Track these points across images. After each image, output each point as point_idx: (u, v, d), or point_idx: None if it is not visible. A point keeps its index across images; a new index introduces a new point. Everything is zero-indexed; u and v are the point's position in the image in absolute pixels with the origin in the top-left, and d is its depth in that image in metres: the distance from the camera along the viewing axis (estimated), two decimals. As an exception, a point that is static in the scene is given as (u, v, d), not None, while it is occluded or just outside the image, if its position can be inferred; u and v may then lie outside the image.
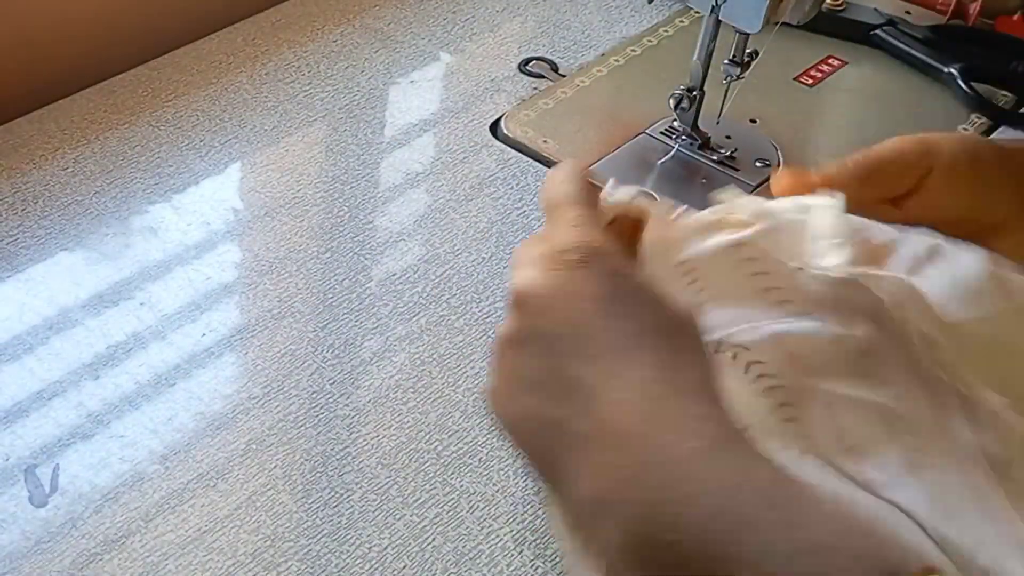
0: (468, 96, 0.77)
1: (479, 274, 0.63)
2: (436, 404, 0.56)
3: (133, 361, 0.57)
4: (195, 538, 0.50)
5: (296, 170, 0.69)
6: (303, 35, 0.80)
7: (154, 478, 0.52)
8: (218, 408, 0.55)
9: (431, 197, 0.69)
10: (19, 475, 0.52)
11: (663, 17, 0.85)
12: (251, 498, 0.52)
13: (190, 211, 0.66)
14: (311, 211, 0.67)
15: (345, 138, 0.72)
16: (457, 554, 0.50)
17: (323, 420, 0.55)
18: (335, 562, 0.49)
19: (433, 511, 0.52)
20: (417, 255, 0.65)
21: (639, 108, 0.75)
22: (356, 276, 0.63)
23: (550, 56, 0.80)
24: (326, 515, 0.51)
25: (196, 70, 0.76)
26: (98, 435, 0.54)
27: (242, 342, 0.59)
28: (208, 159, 0.70)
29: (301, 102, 0.75)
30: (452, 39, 0.82)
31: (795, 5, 0.65)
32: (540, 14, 0.85)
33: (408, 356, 0.59)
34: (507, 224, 0.67)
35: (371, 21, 0.82)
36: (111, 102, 0.73)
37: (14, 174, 0.67)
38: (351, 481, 0.53)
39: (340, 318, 0.60)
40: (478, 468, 0.54)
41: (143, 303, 0.60)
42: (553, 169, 0.45)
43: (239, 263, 0.63)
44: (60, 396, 0.55)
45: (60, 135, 0.70)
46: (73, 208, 0.65)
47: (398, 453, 0.54)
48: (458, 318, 0.61)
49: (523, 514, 0.52)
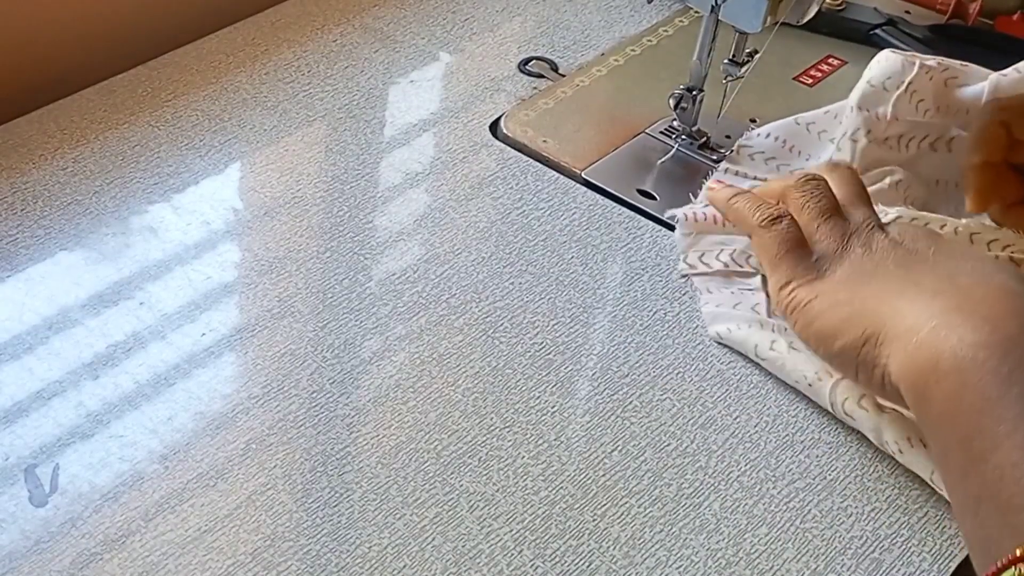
0: (468, 96, 0.77)
1: (479, 274, 0.63)
2: (436, 404, 0.56)
3: (133, 361, 0.57)
4: (195, 538, 0.50)
5: (296, 170, 0.70)
6: (303, 35, 0.80)
7: (154, 478, 0.52)
8: (218, 408, 0.55)
9: (431, 197, 0.69)
10: (19, 475, 0.52)
11: (663, 17, 0.85)
12: (251, 498, 0.52)
13: (190, 211, 0.66)
14: (311, 211, 0.67)
15: (345, 138, 0.72)
16: (457, 554, 0.50)
17: (323, 420, 0.55)
18: (335, 562, 0.49)
19: (433, 511, 0.52)
20: (417, 255, 0.65)
21: (639, 108, 0.76)
22: (356, 276, 0.63)
23: (550, 56, 0.80)
24: (326, 515, 0.51)
25: (196, 70, 0.76)
26: (98, 435, 0.54)
27: (242, 342, 0.59)
28: (208, 159, 0.70)
29: (301, 102, 0.75)
30: (452, 39, 0.82)
31: (795, 5, 0.65)
32: (540, 14, 0.85)
33: (408, 356, 0.59)
34: (507, 224, 0.67)
35: (371, 21, 0.82)
36: (111, 102, 0.73)
37: (14, 174, 0.67)
38: (351, 481, 0.53)
39: (340, 318, 0.60)
40: (478, 468, 0.54)
41: (143, 303, 0.60)
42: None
43: (239, 263, 0.64)
44: (60, 396, 0.55)
45: (60, 135, 0.70)
46: (73, 208, 0.65)
47: (398, 453, 0.54)
48: (458, 318, 0.61)
49: (523, 514, 0.52)
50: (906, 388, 0.49)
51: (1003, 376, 0.44)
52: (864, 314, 0.51)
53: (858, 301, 0.52)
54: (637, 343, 0.60)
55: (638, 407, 0.57)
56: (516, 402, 0.57)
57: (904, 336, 0.49)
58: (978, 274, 0.50)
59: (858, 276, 0.53)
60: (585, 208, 0.68)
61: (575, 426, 0.56)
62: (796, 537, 0.52)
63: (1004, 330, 0.46)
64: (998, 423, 0.43)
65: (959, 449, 0.45)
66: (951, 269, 0.51)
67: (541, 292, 0.63)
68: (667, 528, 0.52)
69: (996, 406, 0.44)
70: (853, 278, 0.53)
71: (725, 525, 0.52)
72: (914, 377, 0.48)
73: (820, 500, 0.53)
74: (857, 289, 0.52)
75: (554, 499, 0.53)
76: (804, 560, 0.51)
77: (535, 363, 0.59)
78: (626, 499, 0.53)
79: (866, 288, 0.52)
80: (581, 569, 0.50)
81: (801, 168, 0.68)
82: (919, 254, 0.53)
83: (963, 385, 0.45)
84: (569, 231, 0.66)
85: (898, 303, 0.50)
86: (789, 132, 0.69)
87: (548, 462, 0.54)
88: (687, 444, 0.55)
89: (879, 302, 0.51)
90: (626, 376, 0.58)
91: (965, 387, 0.45)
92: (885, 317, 0.50)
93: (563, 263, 0.64)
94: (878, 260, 0.53)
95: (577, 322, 0.61)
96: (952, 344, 0.46)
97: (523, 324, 0.61)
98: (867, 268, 0.53)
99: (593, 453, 0.55)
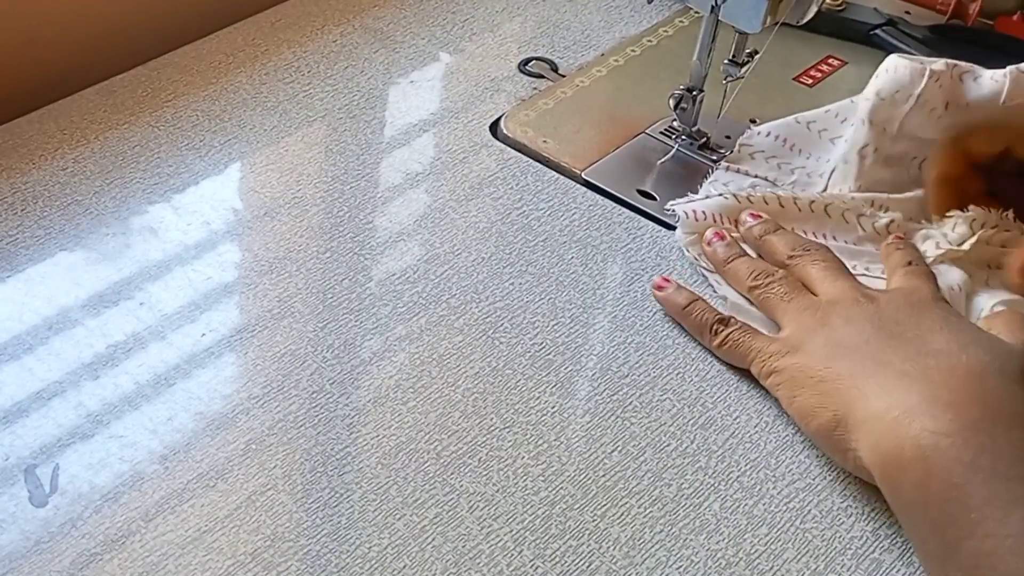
0: (468, 96, 0.77)
1: (479, 274, 0.63)
2: (436, 404, 0.56)
3: (133, 361, 0.57)
4: (195, 538, 0.50)
5: (296, 170, 0.70)
6: (303, 35, 0.80)
7: (154, 478, 0.52)
8: (218, 408, 0.55)
9: (431, 197, 0.69)
10: (19, 475, 0.52)
11: (663, 17, 0.85)
12: (251, 498, 0.52)
13: (190, 211, 0.66)
14: (311, 211, 0.67)
15: (345, 138, 0.72)
16: (457, 554, 0.50)
17: (323, 420, 0.55)
18: (335, 562, 0.49)
19: (433, 511, 0.52)
20: (417, 255, 0.65)
21: (639, 108, 0.76)
22: (356, 276, 0.63)
23: (550, 56, 0.80)
24: (326, 515, 0.51)
25: (196, 70, 0.76)
26: (98, 435, 0.54)
27: (242, 342, 0.59)
28: (208, 159, 0.70)
29: (301, 102, 0.75)
30: (452, 39, 0.82)
31: (795, 5, 0.65)
32: (540, 14, 0.85)
33: (408, 356, 0.59)
34: (507, 224, 0.67)
35: (371, 21, 0.82)
36: (111, 102, 0.73)
37: (14, 174, 0.67)
38: (351, 481, 0.53)
39: (340, 318, 0.60)
40: (478, 468, 0.54)
41: (143, 303, 0.60)
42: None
43: (239, 263, 0.64)
44: (60, 396, 0.55)
45: (60, 135, 0.70)
46: (73, 208, 0.65)
47: (398, 453, 0.54)
48: (458, 318, 0.61)
49: (523, 514, 0.52)
50: (876, 475, 0.50)
51: (966, 463, 0.45)
52: (835, 395, 0.52)
53: (831, 379, 0.53)
54: (637, 343, 0.60)
55: (638, 407, 0.57)
56: (516, 402, 0.57)
57: (870, 423, 0.50)
58: (947, 353, 0.51)
59: (834, 349, 0.54)
60: (585, 208, 0.68)
61: (575, 426, 0.56)
62: (796, 537, 0.52)
63: (966, 416, 0.47)
64: (967, 511, 0.44)
65: (933, 536, 0.46)
66: (923, 347, 0.52)
67: (541, 292, 0.63)
68: (667, 528, 0.52)
69: (962, 493, 0.45)
70: (830, 351, 0.54)
71: (725, 525, 0.52)
72: (882, 465, 0.49)
73: (820, 500, 0.53)
74: (832, 363, 0.53)
75: (554, 499, 0.53)
76: (804, 560, 0.51)
77: (535, 363, 0.59)
78: (626, 499, 0.53)
79: (841, 363, 0.53)
80: (581, 569, 0.50)
81: (802, 167, 0.69)
82: (898, 326, 0.54)
83: (928, 474, 0.46)
84: (569, 231, 0.66)
85: (867, 386, 0.51)
86: (790, 131, 0.69)
87: (548, 462, 0.54)
88: (687, 444, 0.55)
89: (851, 383, 0.52)
90: (626, 376, 0.58)
91: (930, 476, 0.46)
92: (854, 400, 0.51)
93: (563, 263, 0.64)
94: (855, 332, 0.54)
95: (577, 322, 0.61)
96: (914, 434, 0.47)
97: (523, 324, 0.61)
98: (844, 341, 0.54)
99: (593, 453, 0.55)
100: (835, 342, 0.54)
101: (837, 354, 0.54)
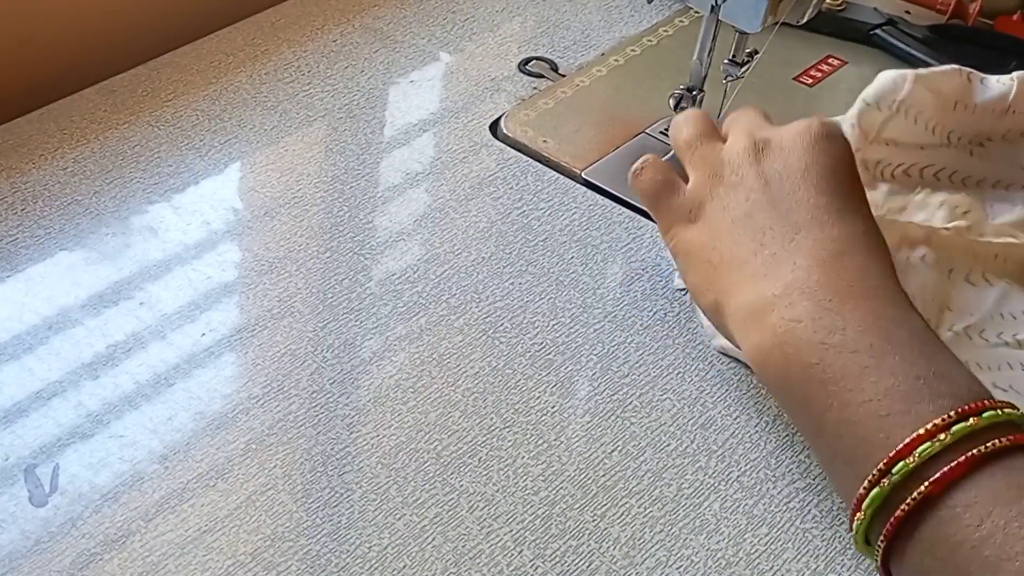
0: (468, 96, 0.77)
1: (479, 274, 0.63)
2: (436, 404, 0.56)
3: (133, 361, 0.57)
4: (195, 538, 0.50)
5: (296, 170, 0.70)
6: (303, 35, 0.80)
7: (154, 478, 0.52)
8: (218, 408, 0.55)
9: (431, 197, 0.69)
10: (19, 475, 0.52)
11: (663, 17, 0.85)
12: (251, 498, 0.52)
13: (190, 211, 0.66)
14: (311, 211, 0.67)
15: (345, 138, 0.72)
16: (457, 554, 0.50)
17: (323, 420, 0.55)
18: (335, 562, 0.49)
19: (433, 511, 0.52)
20: (417, 255, 0.65)
21: (639, 108, 0.76)
22: (356, 276, 0.63)
23: (550, 56, 0.80)
24: (326, 515, 0.51)
25: (196, 70, 0.76)
26: (98, 435, 0.54)
27: (242, 342, 0.59)
28: (208, 159, 0.70)
29: (301, 102, 0.75)
30: (452, 39, 0.82)
31: (795, 5, 0.65)
32: (540, 14, 0.85)
33: (408, 356, 0.59)
34: (507, 224, 0.67)
35: (371, 21, 0.82)
36: (111, 102, 0.73)
37: (14, 174, 0.67)
38: (351, 481, 0.53)
39: (340, 318, 0.60)
40: (478, 468, 0.54)
41: (143, 303, 0.60)
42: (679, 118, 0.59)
43: (239, 263, 0.64)
44: (60, 396, 0.55)
45: (60, 135, 0.70)
46: (73, 208, 0.66)
47: (398, 453, 0.54)
48: (458, 318, 0.61)
49: (523, 514, 0.52)
50: (749, 360, 0.52)
51: (817, 344, 0.48)
52: (716, 281, 0.54)
53: (715, 263, 0.54)
54: (637, 343, 0.60)
55: (638, 407, 0.57)
56: (516, 402, 0.57)
57: (740, 313, 0.52)
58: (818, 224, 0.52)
59: (720, 224, 0.55)
60: (585, 208, 0.68)
61: (575, 426, 0.56)
62: (796, 537, 0.52)
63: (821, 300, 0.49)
64: (824, 386, 0.47)
65: (801, 415, 0.49)
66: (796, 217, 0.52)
67: (541, 292, 0.63)
68: (667, 528, 0.52)
69: (816, 371, 0.47)
70: (716, 226, 0.55)
71: (725, 525, 0.52)
72: (750, 356, 0.51)
73: (820, 500, 0.53)
74: (718, 243, 0.54)
75: (554, 499, 0.53)
76: (804, 560, 0.51)
77: (535, 363, 0.59)
78: (626, 499, 0.53)
79: (725, 243, 0.54)
80: (581, 569, 0.50)
81: None
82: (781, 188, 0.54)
83: (786, 358, 0.48)
84: (569, 231, 0.66)
85: (740, 277, 0.52)
86: None
87: (548, 462, 0.54)
88: (687, 444, 0.55)
89: (727, 271, 0.53)
90: (626, 376, 0.58)
91: (788, 360, 0.48)
92: (728, 289, 0.53)
93: (563, 263, 0.64)
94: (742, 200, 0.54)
95: (577, 322, 0.61)
96: (773, 322, 0.49)
97: (523, 324, 0.61)
98: (731, 208, 0.54)
99: (593, 453, 0.55)
100: (722, 208, 0.54)
101: (722, 231, 0.54)
